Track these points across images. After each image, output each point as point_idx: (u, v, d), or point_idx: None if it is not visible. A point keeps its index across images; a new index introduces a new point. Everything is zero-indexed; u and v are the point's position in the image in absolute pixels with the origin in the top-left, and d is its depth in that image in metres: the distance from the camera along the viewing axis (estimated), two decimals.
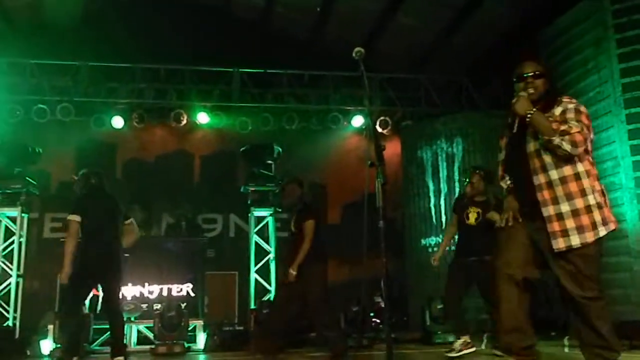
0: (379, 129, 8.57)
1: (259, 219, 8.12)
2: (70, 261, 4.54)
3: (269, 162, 8.02)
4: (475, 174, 5.12)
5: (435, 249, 8.15)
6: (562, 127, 2.68)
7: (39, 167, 7.86)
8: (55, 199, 8.68)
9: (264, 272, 7.98)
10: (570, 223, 2.70)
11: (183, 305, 6.73)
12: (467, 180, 5.19)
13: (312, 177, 9.19)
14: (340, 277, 8.66)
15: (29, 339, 6.76)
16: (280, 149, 8.09)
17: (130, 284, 7.16)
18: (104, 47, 8.36)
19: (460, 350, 4.88)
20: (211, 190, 8.70)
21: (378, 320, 7.41)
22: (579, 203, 2.71)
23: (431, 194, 8.33)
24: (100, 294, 6.12)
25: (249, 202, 8.08)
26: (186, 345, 6.62)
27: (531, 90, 2.84)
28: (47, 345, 6.52)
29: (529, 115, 2.76)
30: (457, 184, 8.17)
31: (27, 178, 7.19)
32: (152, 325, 6.66)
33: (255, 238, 8.04)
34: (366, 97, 3.23)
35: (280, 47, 8.93)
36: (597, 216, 2.72)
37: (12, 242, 7.32)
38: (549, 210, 2.74)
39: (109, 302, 4.84)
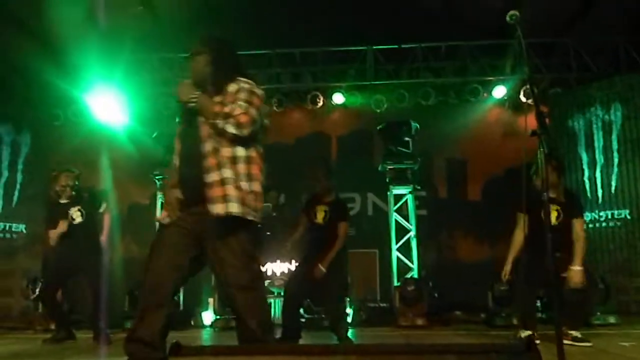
0: (523, 99, 8.08)
1: (398, 197, 8.08)
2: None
3: (407, 139, 7.90)
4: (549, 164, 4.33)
5: (591, 225, 7.56)
6: (226, 109, 2.51)
7: None
8: None
9: (404, 249, 7.95)
10: (230, 190, 2.49)
11: None
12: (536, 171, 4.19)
13: (451, 153, 8.95)
14: (482, 254, 8.39)
15: (193, 311, 7.41)
16: (418, 125, 7.95)
17: (278, 261, 7.53)
18: (240, 36, 8.69)
19: None
20: (348, 169, 8.76)
21: None
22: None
23: (585, 166, 7.66)
24: None
25: (387, 180, 8.06)
26: None
27: (192, 67, 2.68)
28: (208, 316, 7.11)
29: (193, 102, 2.58)
30: (615, 154, 7.45)
31: None
32: None
33: (394, 216, 8.02)
34: (525, 63, 3.02)
35: (413, 20, 8.65)
36: (251, 200, 2.54)
37: None
38: (212, 177, 2.51)
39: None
